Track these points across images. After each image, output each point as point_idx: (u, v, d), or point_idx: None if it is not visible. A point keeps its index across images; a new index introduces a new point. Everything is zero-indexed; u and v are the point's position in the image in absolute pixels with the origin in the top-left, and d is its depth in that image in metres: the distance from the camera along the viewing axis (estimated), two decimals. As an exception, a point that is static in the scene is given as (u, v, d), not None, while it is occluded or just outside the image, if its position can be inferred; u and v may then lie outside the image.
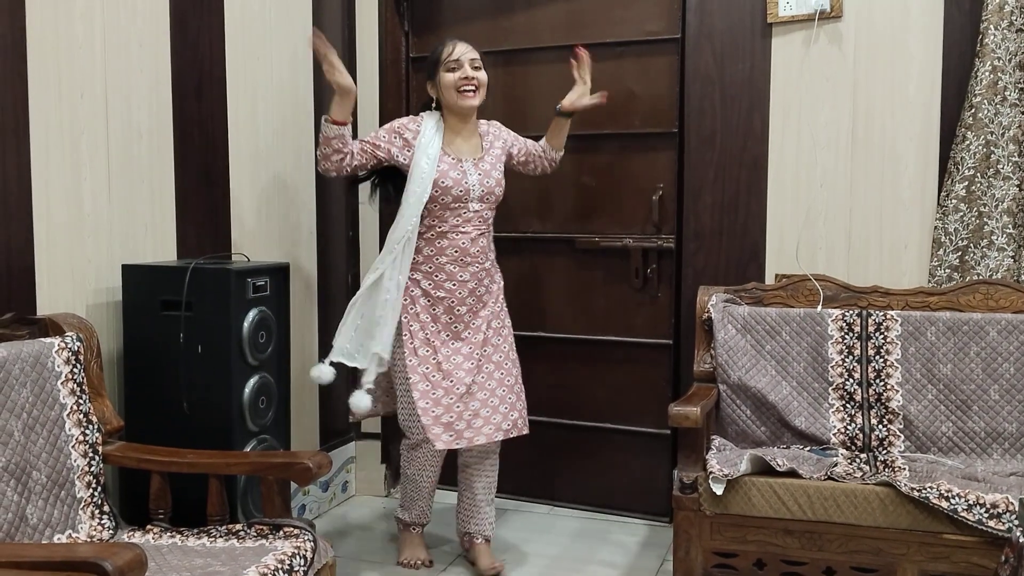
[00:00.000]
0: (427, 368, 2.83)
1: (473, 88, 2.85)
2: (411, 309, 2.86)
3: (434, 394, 2.80)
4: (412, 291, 2.86)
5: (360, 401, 2.83)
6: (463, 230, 2.86)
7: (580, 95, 3.00)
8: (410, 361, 2.83)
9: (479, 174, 2.88)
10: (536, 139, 3.56)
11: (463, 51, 2.86)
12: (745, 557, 2.49)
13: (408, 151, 2.85)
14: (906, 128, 2.97)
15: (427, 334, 2.85)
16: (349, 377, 3.70)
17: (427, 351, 2.84)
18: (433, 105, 2.94)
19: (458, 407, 2.81)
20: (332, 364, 2.88)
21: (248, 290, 2.54)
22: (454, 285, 2.86)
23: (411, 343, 2.84)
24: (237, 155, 3.06)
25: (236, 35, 3.04)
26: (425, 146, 2.84)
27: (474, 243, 2.88)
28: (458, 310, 2.88)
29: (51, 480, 2.05)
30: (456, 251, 2.85)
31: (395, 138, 2.87)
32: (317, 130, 3.48)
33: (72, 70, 2.44)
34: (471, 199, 2.85)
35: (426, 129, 2.87)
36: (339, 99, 2.76)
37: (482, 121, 3.02)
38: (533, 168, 3.11)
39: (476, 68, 2.86)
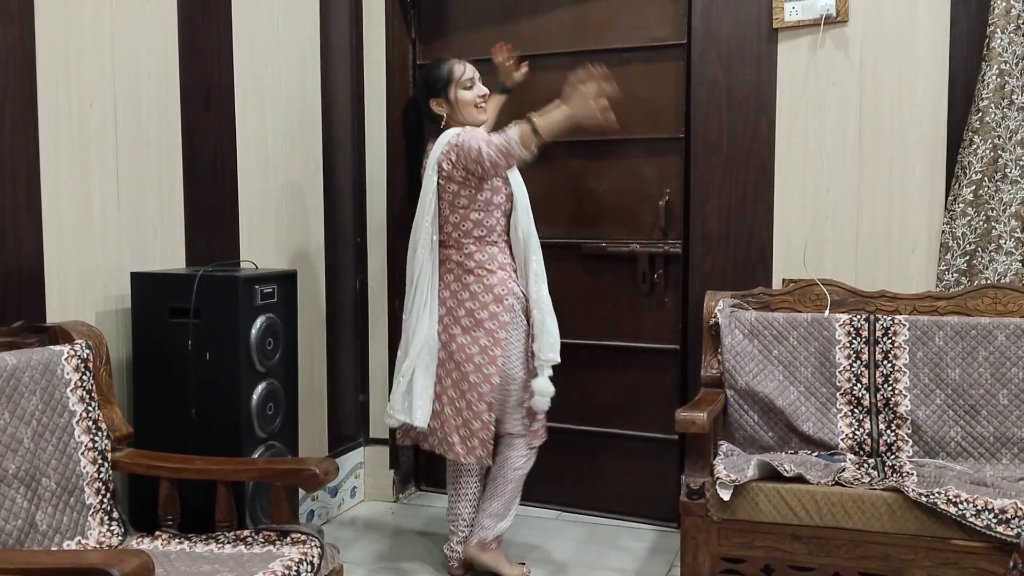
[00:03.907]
0: None
1: (485, 104, 2.96)
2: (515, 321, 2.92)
3: None
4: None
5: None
6: None
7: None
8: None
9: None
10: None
11: (473, 70, 2.94)
12: (753, 563, 2.49)
13: None
14: (913, 132, 2.96)
15: None
16: (357, 383, 3.72)
17: None
18: (442, 123, 2.92)
19: None
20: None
21: (256, 297, 2.55)
22: None
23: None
24: (245, 162, 3.07)
25: (244, 42, 3.05)
26: None
27: None
28: None
29: (60, 487, 2.06)
30: None
31: None
32: (325, 138, 3.51)
33: (81, 78, 2.46)
34: None
35: None
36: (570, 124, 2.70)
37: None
38: None
39: (484, 86, 2.96)
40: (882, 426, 2.76)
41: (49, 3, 2.34)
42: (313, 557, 2.02)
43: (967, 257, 2.87)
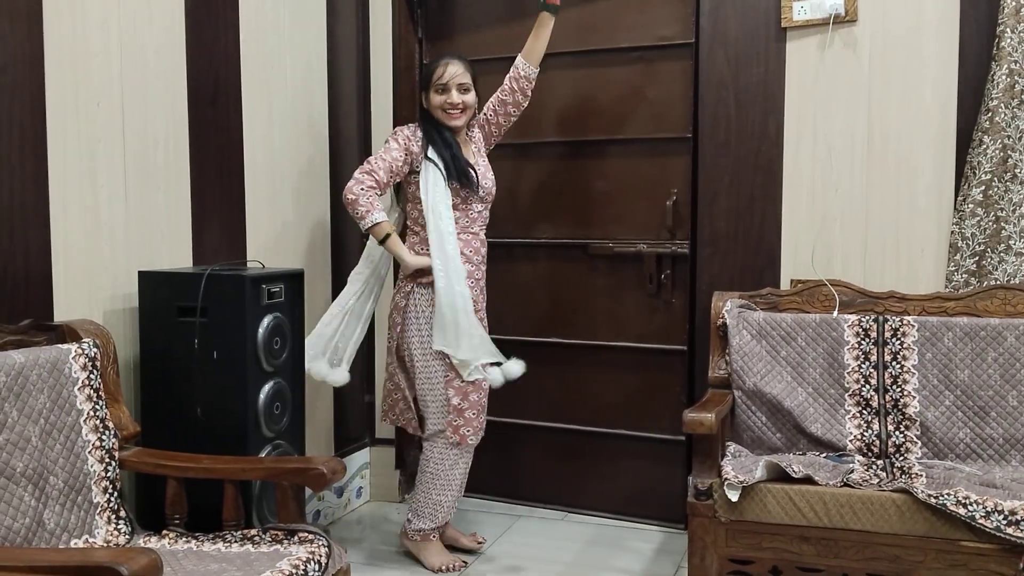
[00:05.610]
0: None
1: (459, 110, 2.96)
2: (425, 313, 2.95)
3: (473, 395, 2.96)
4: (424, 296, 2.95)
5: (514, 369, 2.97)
6: (472, 230, 2.99)
7: None
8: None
9: (481, 176, 3.00)
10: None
11: (453, 74, 2.94)
12: (761, 564, 2.48)
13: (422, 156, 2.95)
14: (922, 132, 2.95)
15: None
16: (363, 384, 3.72)
17: None
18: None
19: (484, 402, 3.00)
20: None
21: (263, 296, 2.55)
22: (471, 283, 2.96)
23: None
24: (252, 162, 3.07)
25: (251, 43, 3.05)
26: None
27: (483, 243, 3.04)
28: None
29: (68, 485, 2.06)
30: (471, 251, 2.97)
31: (413, 145, 2.95)
32: (331, 138, 3.51)
33: (89, 79, 2.45)
34: (476, 200, 3.00)
35: None
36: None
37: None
38: (511, 110, 3.09)
39: (464, 91, 2.96)
40: (891, 427, 2.74)
41: (57, 2, 2.34)
42: (321, 556, 2.02)
43: (976, 258, 2.86)
